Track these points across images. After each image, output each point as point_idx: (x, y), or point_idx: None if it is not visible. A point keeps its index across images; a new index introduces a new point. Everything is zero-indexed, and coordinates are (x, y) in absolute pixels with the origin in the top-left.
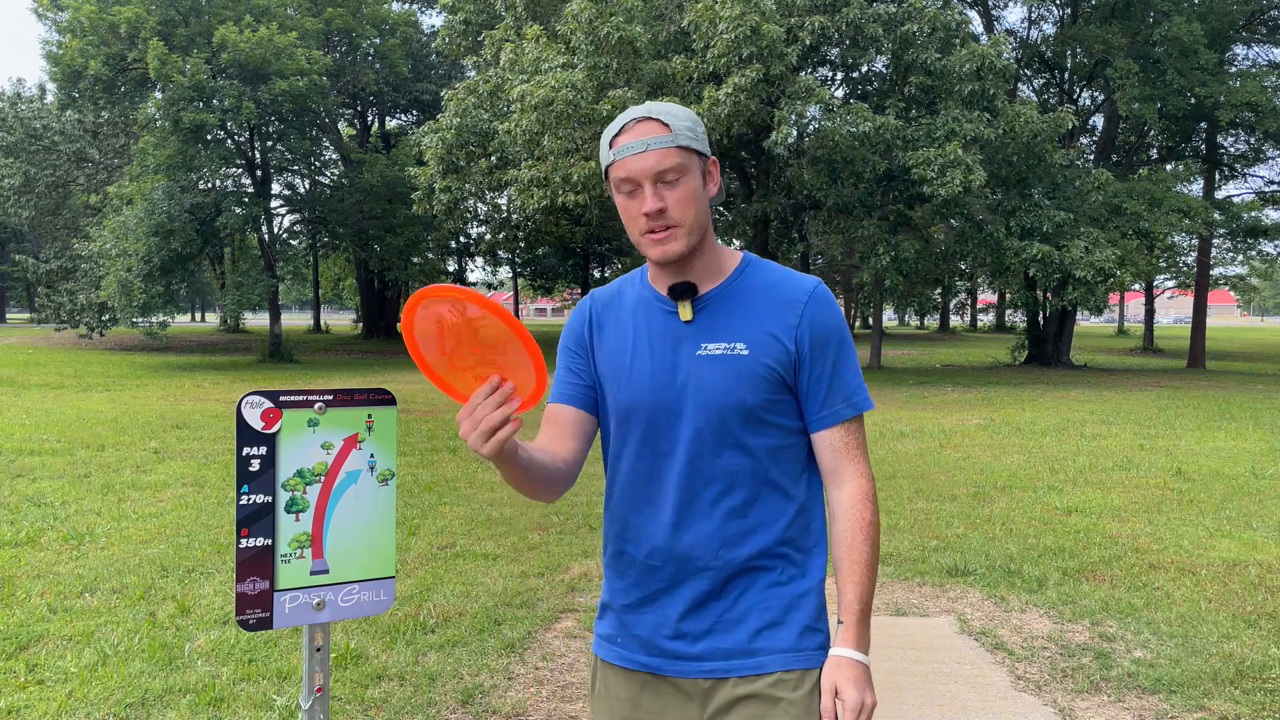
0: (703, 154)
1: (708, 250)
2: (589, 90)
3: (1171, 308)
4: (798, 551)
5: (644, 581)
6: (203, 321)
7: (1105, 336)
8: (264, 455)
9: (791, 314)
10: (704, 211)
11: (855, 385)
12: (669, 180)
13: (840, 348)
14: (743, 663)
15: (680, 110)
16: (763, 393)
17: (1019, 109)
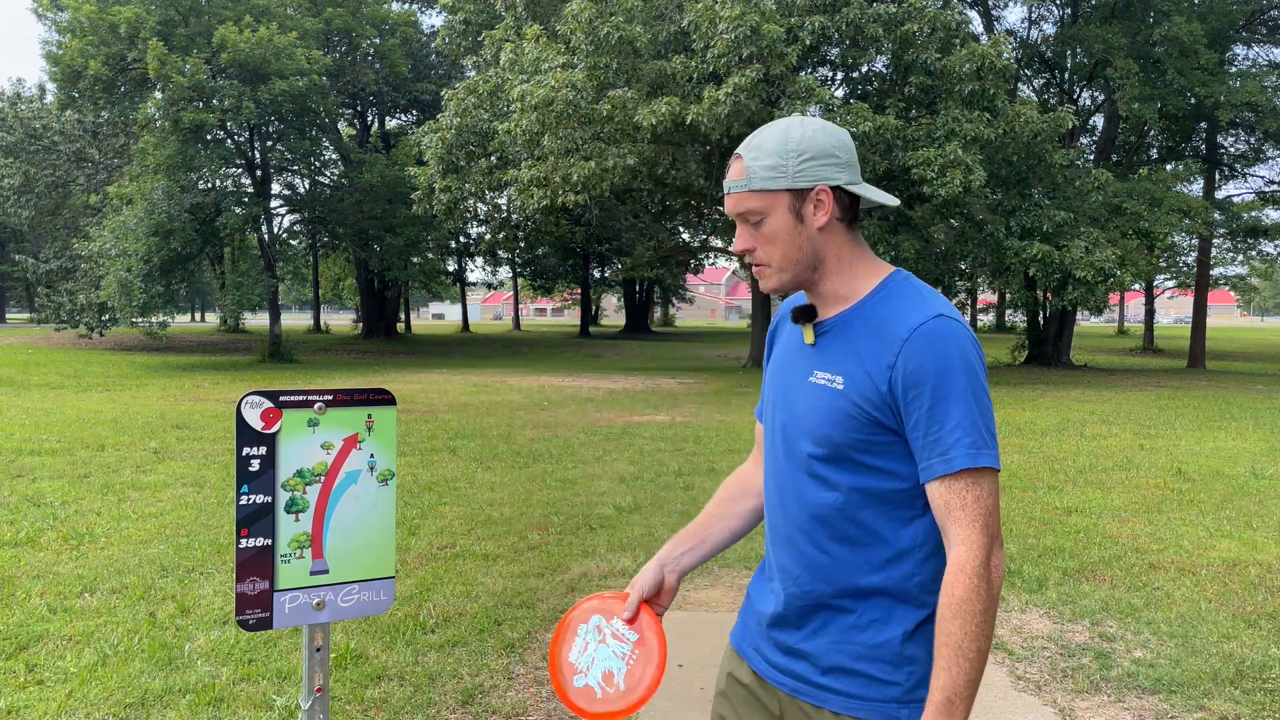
0: (791, 190)
1: (833, 277)
2: (589, 90)
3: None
4: (887, 598)
5: (762, 582)
6: (203, 321)
7: (1105, 336)
8: (264, 455)
9: (890, 352)
10: (798, 248)
11: (955, 438)
12: (753, 222)
13: (937, 392)
14: (810, 691)
15: (770, 145)
16: (851, 431)
17: (1019, 109)
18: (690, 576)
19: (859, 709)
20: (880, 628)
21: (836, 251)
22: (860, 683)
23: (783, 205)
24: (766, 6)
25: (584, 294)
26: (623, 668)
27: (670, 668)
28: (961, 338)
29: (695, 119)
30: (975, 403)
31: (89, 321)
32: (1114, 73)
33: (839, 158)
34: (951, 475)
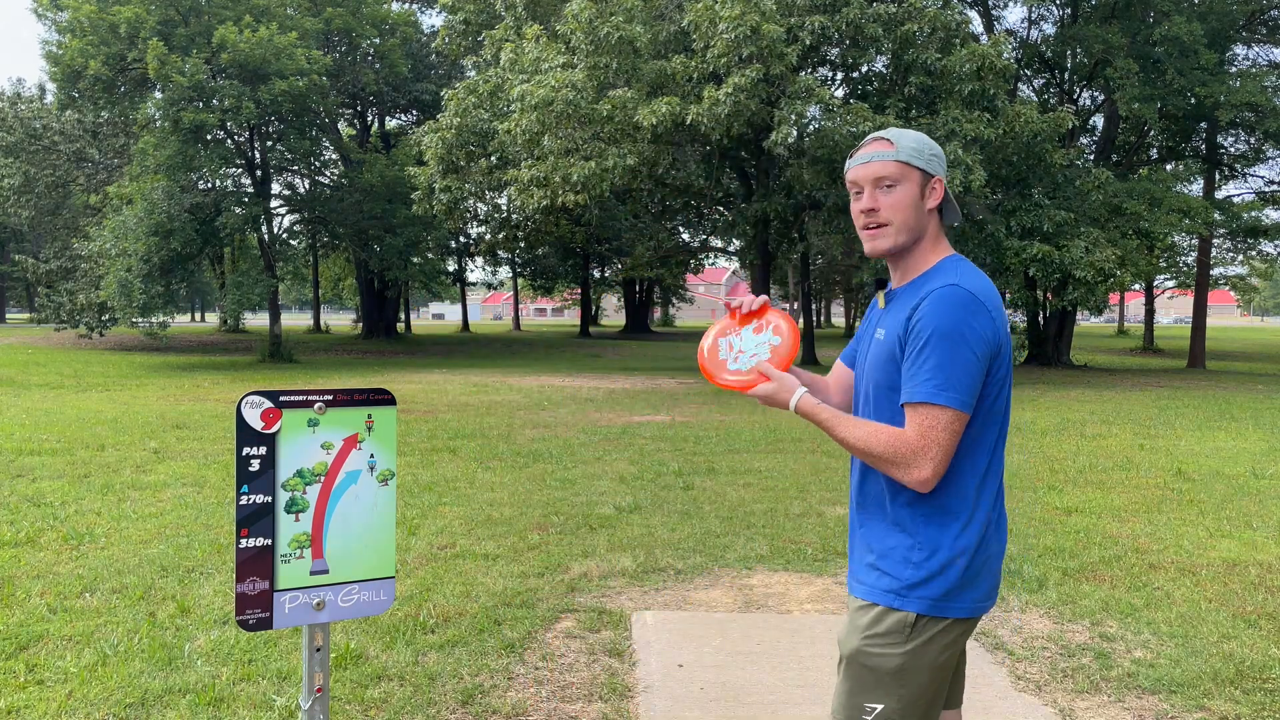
0: (926, 172)
1: (917, 254)
2: (589, 90)
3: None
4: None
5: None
6: (203, 321)
7: (1105, 336)
8: (264, 455)
9: (912, 308)
10: (916, 219)
11: (925, 377)
12: (886, 186)
13: (927, 340)
14: (849, 583)
15: (911, 135)
16: (888, 372)
17: (1019, 109)
18: (690, 576)
19: (862, 591)
20: (897, 534)
21: (932, 233)
22: (875, 576)
23: (914, 180)
24: (766, 6)
25: (584, 294)
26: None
27: (669, 667)
28: (963, 302)
29: (695, 119)
30: (952, 353)
31: (89, 321)
32: (1114, 73)
33: (945, 167)
34: (914, 404)
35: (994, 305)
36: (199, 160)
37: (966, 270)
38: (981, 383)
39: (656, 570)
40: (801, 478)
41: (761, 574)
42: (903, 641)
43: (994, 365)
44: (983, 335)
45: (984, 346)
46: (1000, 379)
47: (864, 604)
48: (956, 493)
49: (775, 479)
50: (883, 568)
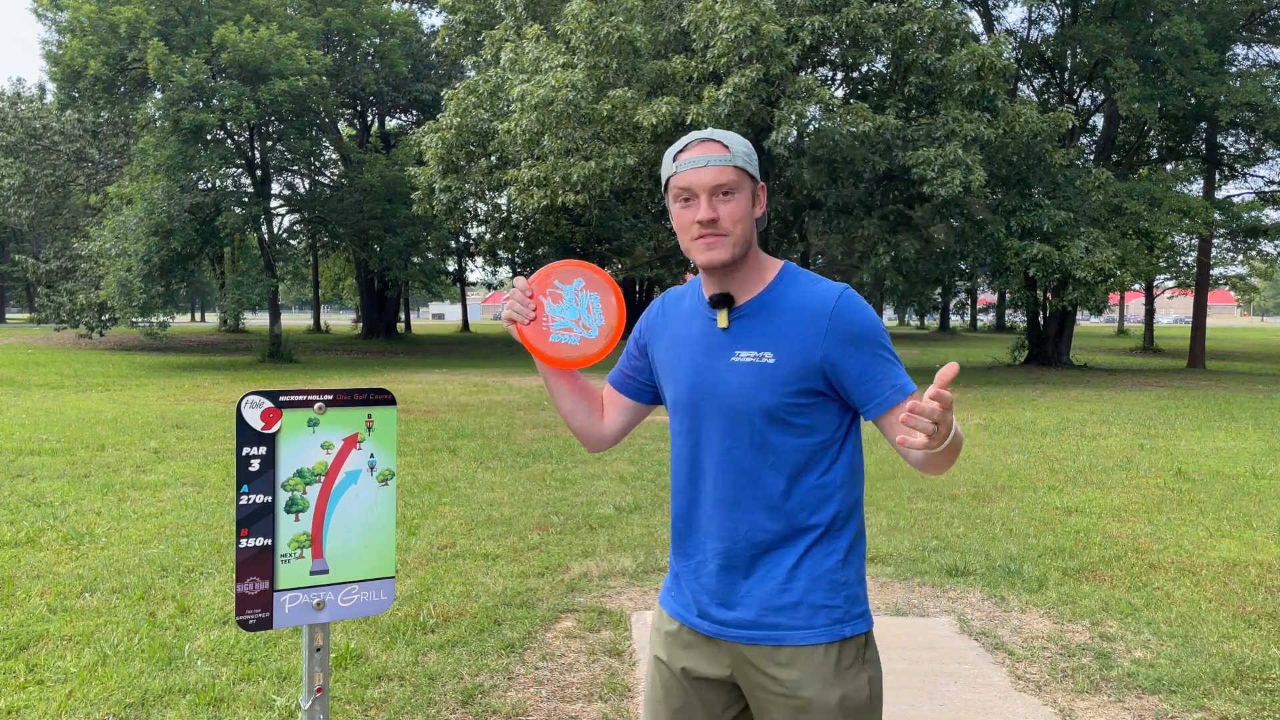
0: (754, 178)
1: (750, 264)
2: (589, 90)
3: (1171, 308)
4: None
5: (689, 551)
6: (202, 321)
7: (1105, 336)
8: (264, 455)
9: (818, 324)
10: (750, 229)
11: (897, 373)
12: (724, 194)
13: (875, 345)
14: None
15: (738, 138)
16: (787, 398)
17: (1019, 109)
18: None
19: (812, 636)
20: (819, 561)
21: (755, 241)
22: (808, 613)
23: (749, 187)
24: (766, 6)
25: None
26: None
27: None
28: (867, 304)
29: (695, 119)
30: (890, 347)
31: (89, 321)
32: (1114, 73)
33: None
34: (911, 395)
35: None
36: (199, 160)
37: (821, 276)
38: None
39: (656, 570)
40: None
41: None
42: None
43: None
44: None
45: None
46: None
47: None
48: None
49: None
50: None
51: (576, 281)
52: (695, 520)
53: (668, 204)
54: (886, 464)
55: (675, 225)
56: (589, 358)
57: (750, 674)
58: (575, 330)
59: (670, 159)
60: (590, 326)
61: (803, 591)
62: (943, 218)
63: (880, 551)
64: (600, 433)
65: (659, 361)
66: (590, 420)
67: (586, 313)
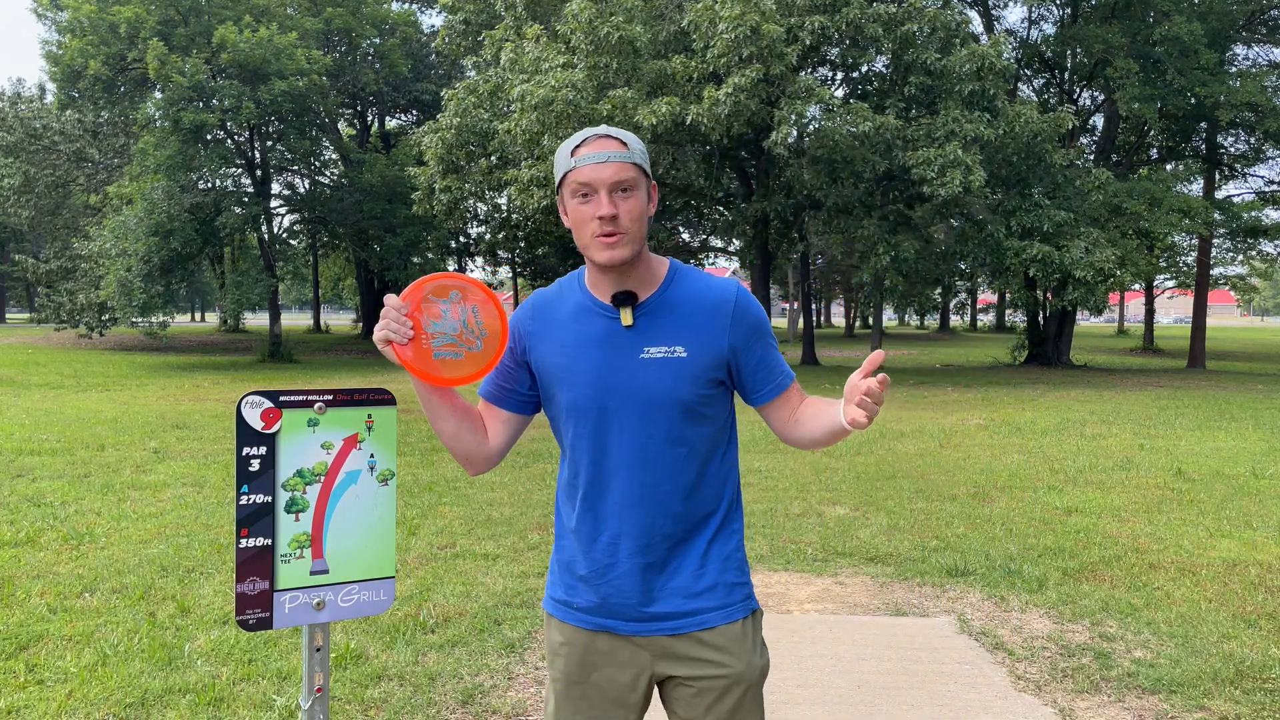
0: (649, 176)
1: (644, 261)
2: (589, 90)
3: (1171, 308)
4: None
5: (597, 556)
6: (202, 321)
7: (1105, 336)
8: (264, 455)
9: (723, 316)
10: (644, 225)
11: (782, 361)
12: (623, 191)
13: (766, 337)
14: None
15: (633, 135)
16: (700, 389)
17: (1019, 109)
18: None
19: (733, 613)
20: (724, 543)
21: (645, 238)
22: (724, 592)
23: (644, 185)
24: (766, 6)
25: None
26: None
27: None
28: (754, 297)
29: (695, 119)
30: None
31: (89, 321)
32: (1114, 73)
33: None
34: (793, 381)
35: None
36: (199, 160)
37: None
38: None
39: None
40: (801, 478)
41: (761, 574)
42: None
43: None
44: None
45: None
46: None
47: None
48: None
49: (775, 479)
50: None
51: (453, 294)
52: (601, 524)
53: (559, 201)
54: (887, 464)
55: (572, 222)
56: (478, 372)
57: (673, 666)
58: (459, 345)
59: (567, 154)
60: (474, 340)
61: (716, 574)
62: (943, 218)
63: (880, 551)
64: (487, 453)
65: (546, 368)
66: (476, 440)
67: (467, 326)
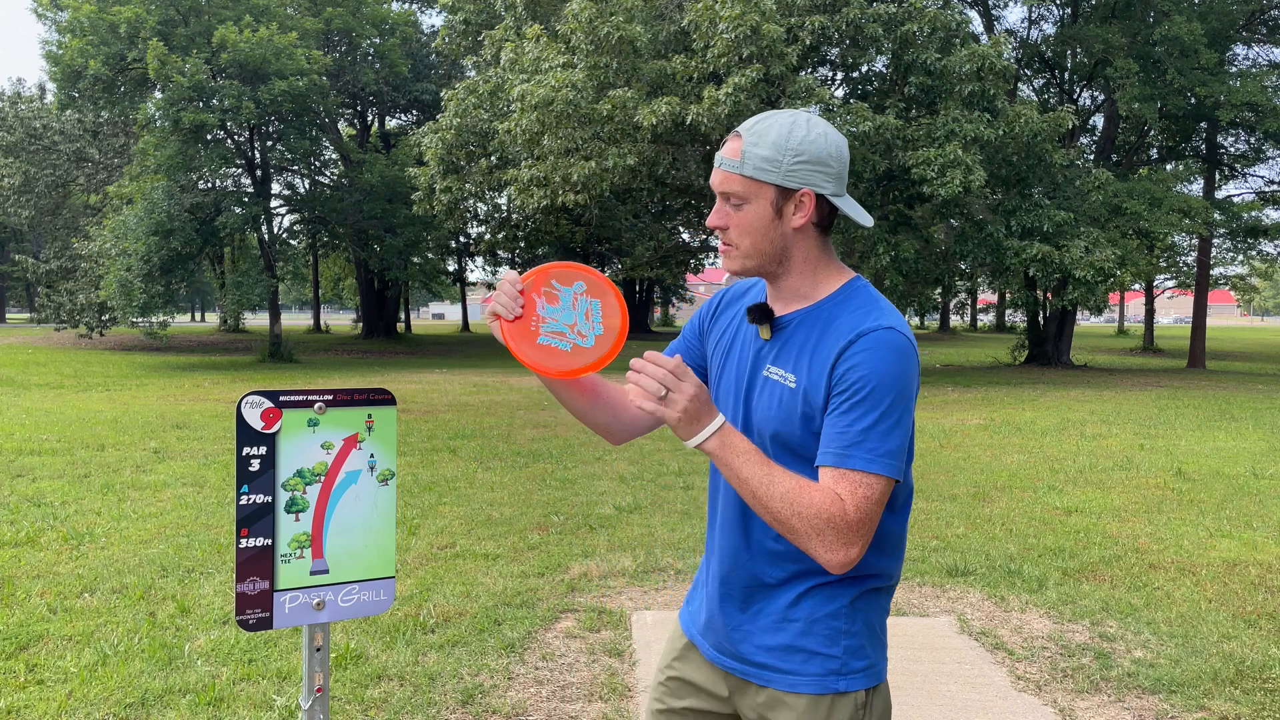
0: (784, 188)
1: (796, 275)
2: (589, 90)
3: (1171, 308)
4: (823, 577)
5: (702, 567)
6: (202, 321)
7: (1105, 336)
8: (264, 455)
9: (835, 351)
10: (769, 241)
11: (861, 440)
12: (734, 203)
13: (871, 397)
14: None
15: (771, 136)
16: (797, 427)
17: (1019, 109)
18: (690, 576)
19: (801, 685)
20: (819, 605)
21: (805, 253)
22: (801, 659)
23: (766, 198)
24: (766, 6)
25: None
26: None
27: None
28: (904, 351)
29: (695, 119)
30: (896, 414)
31: (89, 321)
32: (1114, 73)
33: (831, 168)
34: (848, 470)
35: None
36: (199, 160)
37: (887, 305)
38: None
39: (656, 570)
40: None
41: None
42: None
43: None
44: (915, 389)
45: (914, 401)
46: (912, 430)
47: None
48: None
49: None
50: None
51: (577, 284)
52: (710, 537)
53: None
54: None
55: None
56: (579, 369)
57: (743, 707)
58: (568, 335)
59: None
60: (586, 334)
61: (796, 634)
62: (943, 218)
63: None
64: (631, 423)
65: (709, 355)
66: (611, 414)
67: (584, 319)
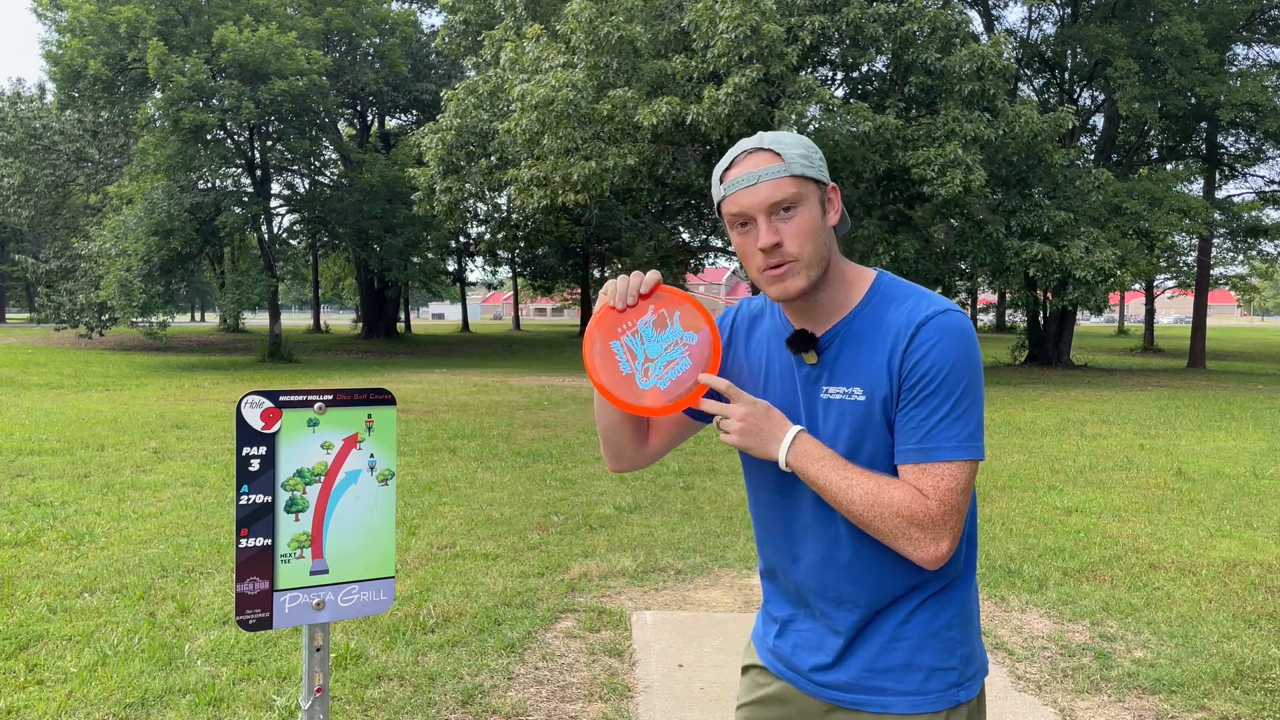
0: (821, 181)
1: (833, 284)
2: (589, 90)
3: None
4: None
5: (781, 600)
6: (202, 321)
7: (1105, 336)
8: (264, 455)
9: (897, 346)
10: (824, 243)
11: (942, 428)
12: (784, 213)
13: (946, 382)
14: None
15: (793, 138)
16: (880, 438)
17: (1019, 109)
18: (690, 576)
19: (923, 704)
20: (929, 620)
21: (834, 255)
22: (920, 677)
23: (815, 196)
24: (766, 6)
25: (584, 294)
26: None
27: (669, 667)
28: (968, 333)
29: (695, 119)
30: (972, 396)
31: (89, 321)
32: (1114, 73)
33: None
34: (931, 463)
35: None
36: (199, 160)
37: (924, 290)
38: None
39: (656, 570)
40: None
41: None
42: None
43: None
44: (981, 368)
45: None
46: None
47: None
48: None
49: None
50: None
51: (690, 334)
52: (790, 572)
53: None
54: None
55: (738, 254)
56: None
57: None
58: (638, 362)
59: (717, 179)
60: (650, 376)
61: (911, 651)
62: (943, 218)
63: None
64: (641, 454)
65: (735, 378)
66: (633, 440)
67: (663, 366)
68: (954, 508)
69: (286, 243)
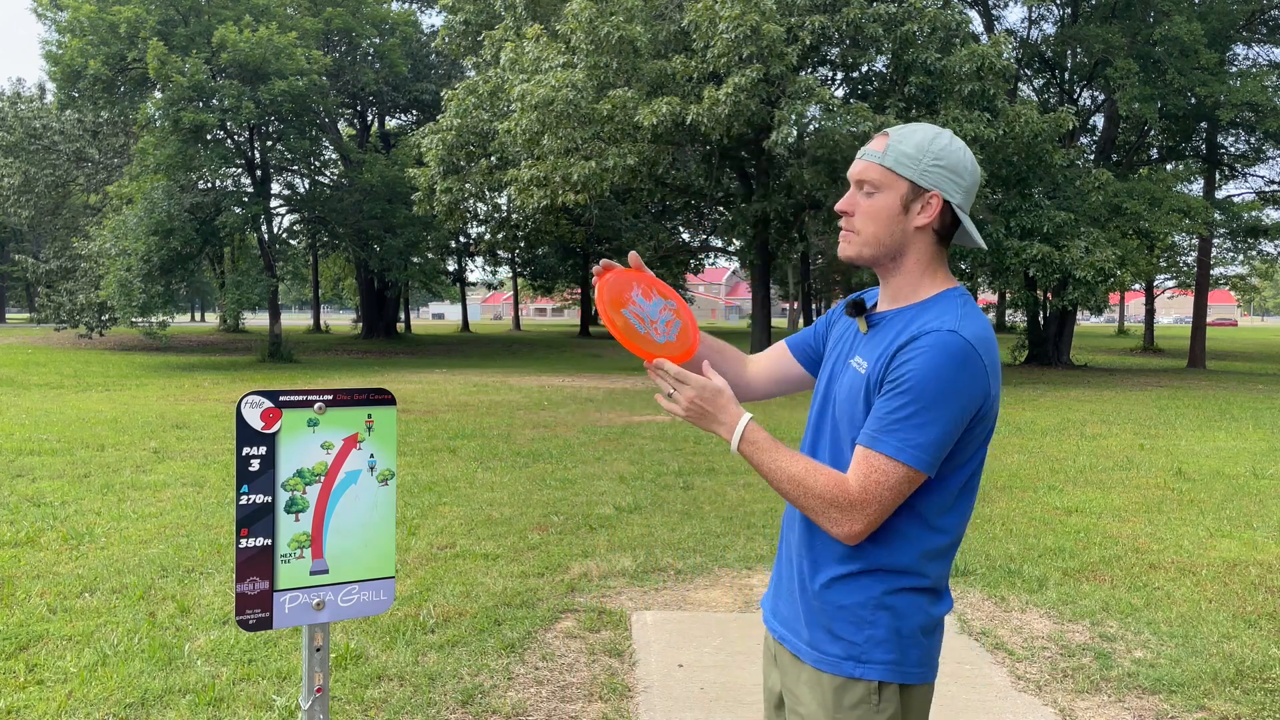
0: (916, 184)
1: (903, 275)
2: (589, 90)
3: (1171, 308)
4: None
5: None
6: (202, 321)
7: (1105, 336)
8: (264, 455)
9: (898, 344)
10: (890, 233)
11: (890, 427)
12: (866, 190)
13: (909, 391)
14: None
15: (917, 137)
16: (860, 411)
17: (1019, 109)
18: (690, 576)
19: (821, 662)
20: (845, 594)
21: (918, 255)
22: (826, 638)
23: (898, 191)
24: (766, 6)
25: (584, 294)
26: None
27: (669, 667)
28: (958, 356)
29: (695, 119)
30: (930, 411)
31: (89, 321)
32: (1114, 73)
33: (963, 181)
34: (870, 450)
35: (990, 360)
36: (199, 160)
37: (971, 313)
38: (953, 443)
39: (656, 570)
40: None
41: (761, 574)
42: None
43: (974, 425)
44: (971, 395)
45: (969, 408)
46: (979, 440)
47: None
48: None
49: None
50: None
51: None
52: (790, 517)
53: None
54: None
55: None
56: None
57: (783, 677)
58: (646, 325)
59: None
60: (661, 334)
61: (830, 615)
62: None
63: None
64: (743, 383)
65: (827, 351)
66: (737, 380)
67: (664, 326)
68: (875, 498)
69: (286, 243)
